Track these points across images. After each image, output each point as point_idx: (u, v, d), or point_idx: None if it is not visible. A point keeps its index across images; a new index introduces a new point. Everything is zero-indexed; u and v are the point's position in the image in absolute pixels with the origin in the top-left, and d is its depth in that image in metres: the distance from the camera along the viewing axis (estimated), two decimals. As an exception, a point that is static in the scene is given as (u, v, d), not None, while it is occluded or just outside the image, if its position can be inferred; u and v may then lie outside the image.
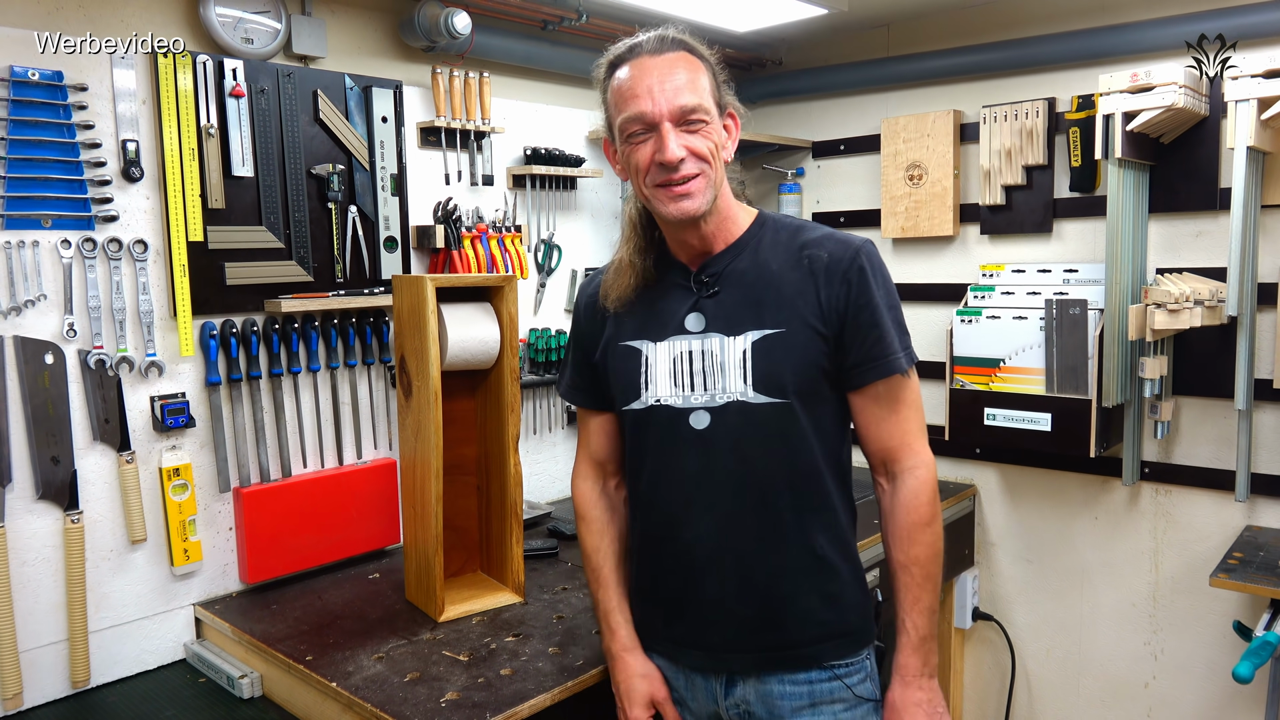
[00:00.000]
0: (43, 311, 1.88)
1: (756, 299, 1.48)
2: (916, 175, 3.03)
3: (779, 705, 1.50)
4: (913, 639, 1.48)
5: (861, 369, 1.47)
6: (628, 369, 1.54)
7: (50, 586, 1.90)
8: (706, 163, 1.42)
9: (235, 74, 2.09)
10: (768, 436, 1.46)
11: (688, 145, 1.40)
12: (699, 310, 1.50)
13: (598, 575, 1.65)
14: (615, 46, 1.48)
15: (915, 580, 1.48)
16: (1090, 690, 2.92)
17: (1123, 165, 2.45)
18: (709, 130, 1.42)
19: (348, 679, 1.72)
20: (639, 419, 1.54)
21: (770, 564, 1.48)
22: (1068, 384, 2.59)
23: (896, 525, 1.49)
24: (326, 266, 2.29)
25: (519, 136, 2.76)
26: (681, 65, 1.42)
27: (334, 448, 2.35)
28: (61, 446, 1.90)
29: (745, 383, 1.45)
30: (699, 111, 1.41)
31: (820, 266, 1.46)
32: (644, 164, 1.43)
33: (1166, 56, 2.53)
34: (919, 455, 1.50)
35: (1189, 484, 2.67)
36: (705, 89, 1.43)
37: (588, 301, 1.66)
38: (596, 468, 1.70)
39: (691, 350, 1.49)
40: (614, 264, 1.61)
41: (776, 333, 1.45)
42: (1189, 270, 2.57)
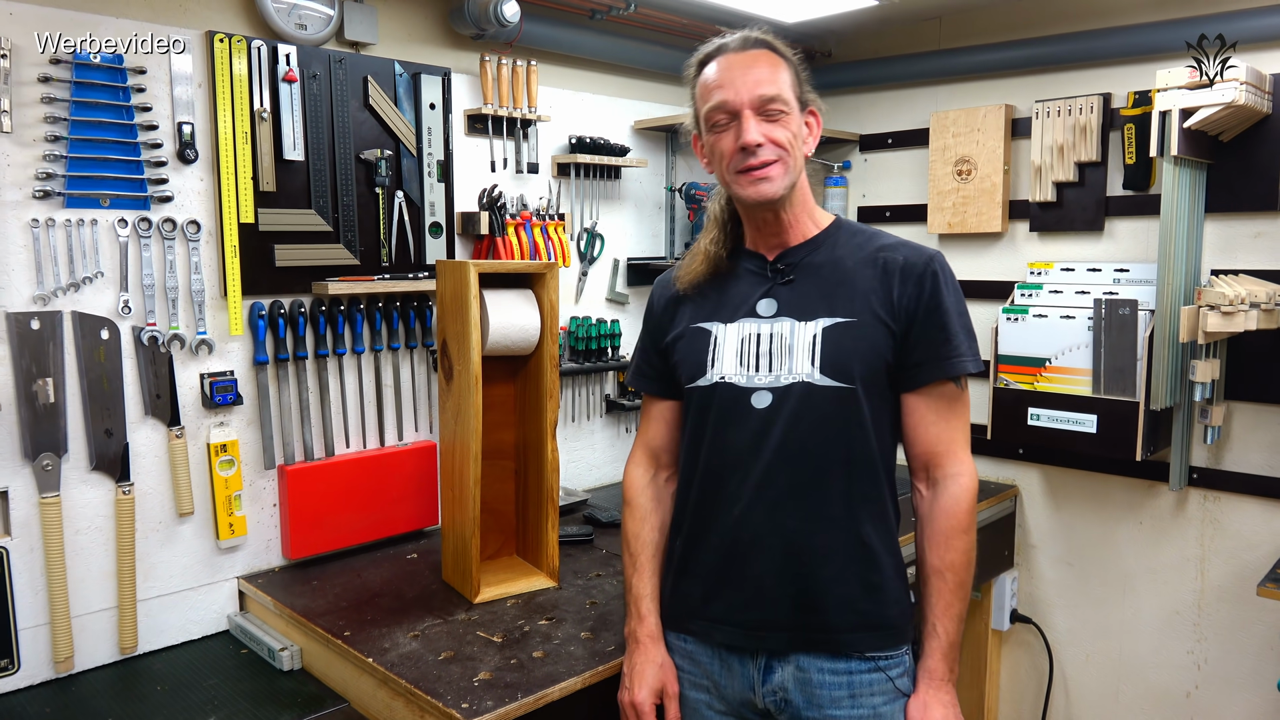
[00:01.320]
0: (99, 289, 1.93)
1: (830, 290, 1.53)
2: (965, 170, 2.99)
3: (818, 694, 1.49)
4: (942, 644, 1.48)
5: (923, 368, 1.50)
6: (696, 348, 1.59)
7: (101, 555, 1.96)
8: (785, 151, 1.49)
9: (288, 59, 2.13)
10: (828, 420, 1.49)
11: (767, 133, 1.47)
12: (772, 296, 1.56)
13: (635, 560, 1.67)
14: (704, 46, 1.57)
15: (949, 586, 1.48)
16: (1130, 698, 2.87)
17: (1179, 163, 2.39)
18: (788, 121, 1.49)
19: (384, 655, 1.76)
20: (703, 395, 1.57)
21: (815, 547, 1.49)
22: (1115, 385, 2.54)
23: (934, 530, 1.50)
24: (373, 250, 2.33)
25: (564, 125, 2.77)
26: (763, 60, 1.50)
27: (376, 429, 2.39)
28: (115, 420, 1.96)
29: (813, 365, 1.49)
30: (778, 101, 1.48)
31: (895, 267, 1.52)
32: (727, 151, 1.50)
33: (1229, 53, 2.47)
34: (963, 463, 1.52)
35: (1239, 491, 2.60)
36: (785, 83, 1.50)
37: (662, 290, 1.72)
38: (651, 457, 1.73)
39: (760, 333, 1.54)
40: (690, 251, 1.68)
41: (848, 321, 1.50)
42: (1246, 272, 2.51)
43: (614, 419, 3.01)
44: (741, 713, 1.58)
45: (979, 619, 3.07)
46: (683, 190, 2.96)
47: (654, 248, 3.10)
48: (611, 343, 2.87)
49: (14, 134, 1.80)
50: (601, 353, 2.86)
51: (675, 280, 1.67)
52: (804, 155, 1.54)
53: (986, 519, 2.88)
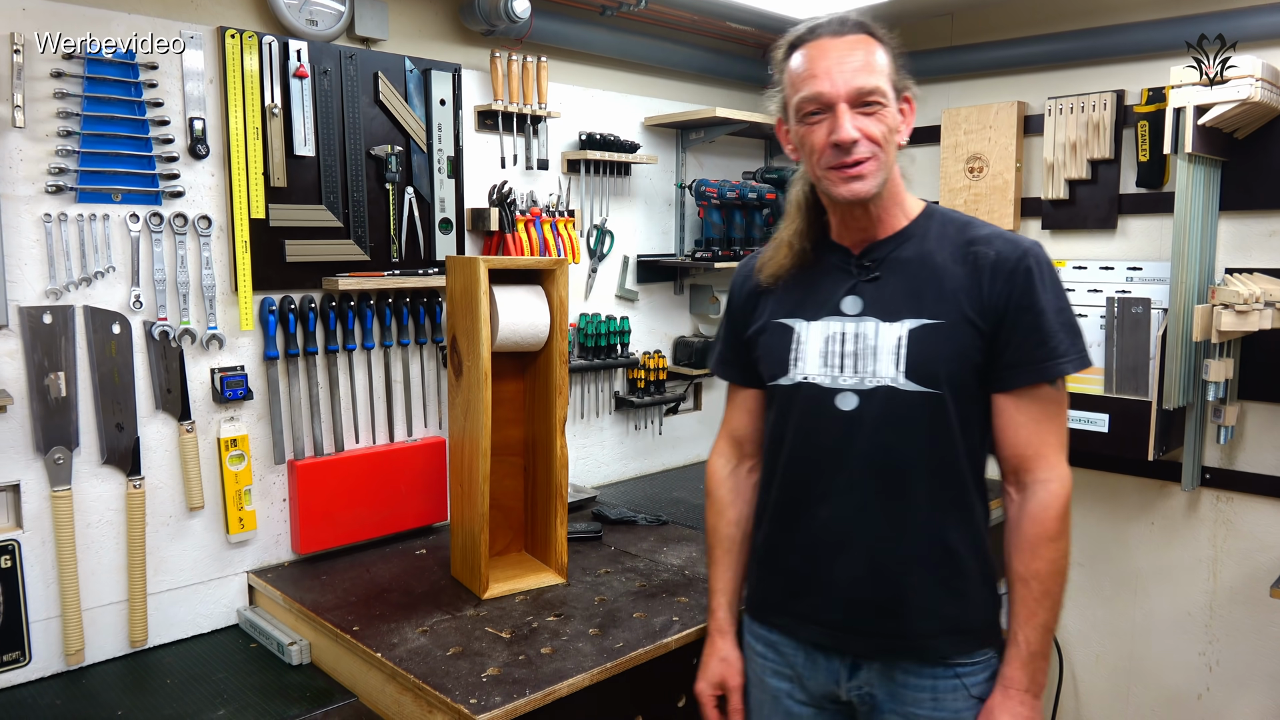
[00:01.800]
0: (111, 283, 1.94)
1: (917, 288, 1.46)
2: (977, 168, 2.98)
3: (902, 693, 1.49)
4: (1022, 652, 1.43)
5: (1015, 371, 1.43)
6: (778, 345, 1.55)
7: (112, 548, 1.97)
8: (880, 146, 1.41)
9: (299, 55, 2.13)
10: (913, 425, 1.44)
11: (862, 128, 1.39)
12: (857, 294, 1.50)
13: (711, 554, 1.70)
14: (795, 28, 1.47)
15: (1033, 594, 1.43)
16: (1141, 699, 2.85)
17: (1193, 161, 2.37)
18: (884, 114, 1.41)
19: (392, 650, 1.76)
20: (785, 395, 1.54)
21: (899, 552, 1.46)
22: (1127, 384, 2.53)
23: (1021, 537, 1.45)
24: (383, 246, 2.33)
25: (575, 121, 2.77)
26: (860, 47, 1.40)
27: (385, 424, 2.39)
28: (126, 414, 1.97)
29: (897, 369, 1.44)
30: (876, 94, 1.39)
31: (986, 263, 1.44)
32: (819, 145, 1.42)
33: (1244, 49, 2.45)
34: (1055, 469, 1.45)
35: (1252, 492, 2.58)
36: (884, 72, 1.41)
37: (743, 279, 1.66)
38: (734, 447, 1.71)
39: (844, 332, 1.49)
40: (773, 241, 1.62)
41: (935, 323, 1.43)
42: (1260, 271, 2.49)
43: (623, 416, 3.01)
44: (823, 704, 1.57)
45: (989, 618, 3.06)
46: (693, 187, 2.96)
47: (664, 245, 3.10)
48: (621, 340, 2.87)
49: (27, 129, 1.81)
50: (611, 350, 2.86)
51: (757, 271, 1.62)
52: (898, 146, 1.45)
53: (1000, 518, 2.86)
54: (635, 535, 2.45)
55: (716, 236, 2.99)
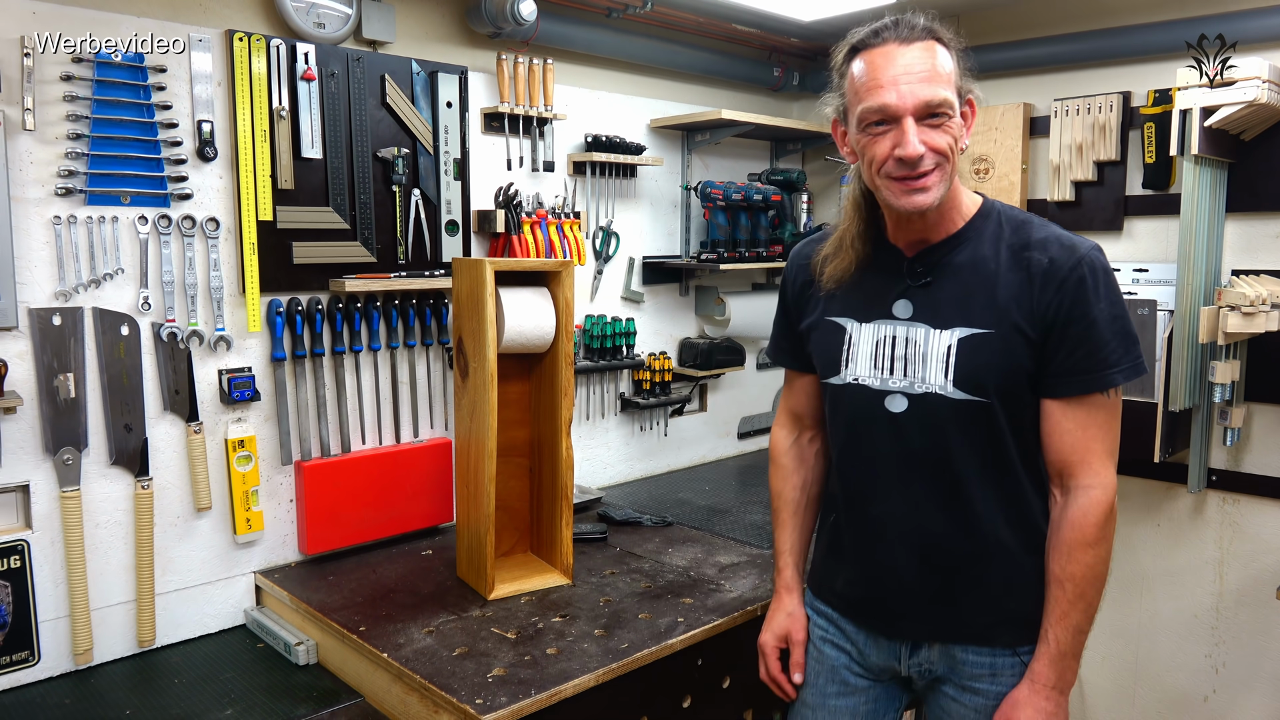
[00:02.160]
0: (120, 285, 1.95)
1: (968, 295, 1.45)
2: (983, 169, 2.98)
3: (962, 669, 1.53)
4: (1051, 650, 1.44)
5: (1064, 380, 1.42)
6: (830, 344, 1.57)
7: (120, 549, 1.99)
8: (945, 157, 1.38)
9: (307, 58, 2.15)
10: (963, 431, 1.45)
11: (928, 141, 1.36)
12: (908, 298, 1.50)
13: (778, 515, 1.74)
14: (858, 30, 1.43)
15: (1067, 596, 1.43)
16: (1146, 701, 2.85)
17: (1199, 162, 2.37)
18: (950, 125, 1.38)
19: (398, 650, 1.77)
20: (836, 394, 1.58)
21: (956, 549, 1.49)
22: (1133, 386, 2.52)
23: (1059, 539, 1.45)
24: (389, 248, 2.34)
25: (581, 123, 2.78)
26: (929, 56, 1.37)
27: (392, 425, 2.40)
28: (134, 415, 1.98)
29: (946, 377, 1.44)
30: (943, 106, 1.36)
31: (1040, 270, 1.41)
32: (881, 156, 1.39)
33: (1251, 50, 2.44)
34: (1099, 475, 1.43)
35: (1259, 494, 2.58)
36: (950, 80, 1.38)
37: (797, 271, 1.67)
38: (794, 419, 1.76)
39: (895, 336, 1.50)
40: (834, 239, 1.59)
41: (984, 333, 1.43)
42: (1267, 272, 2.48)
43: (628, 417, 3.01)
44: (881, 677, 1.64)
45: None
46: (698, 189, 2.96)
47: (669, 246, 3.10)
48: (626, 341, 2.88)
49: (36, 132, 1.82)
50: (616, 351, 2.86)
51: (814, 265, 1.61)
52: (960, 151, 1.42)
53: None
54: (640, 536, 2.45)
55: (722, 238, 2.99)
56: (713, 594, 2.04)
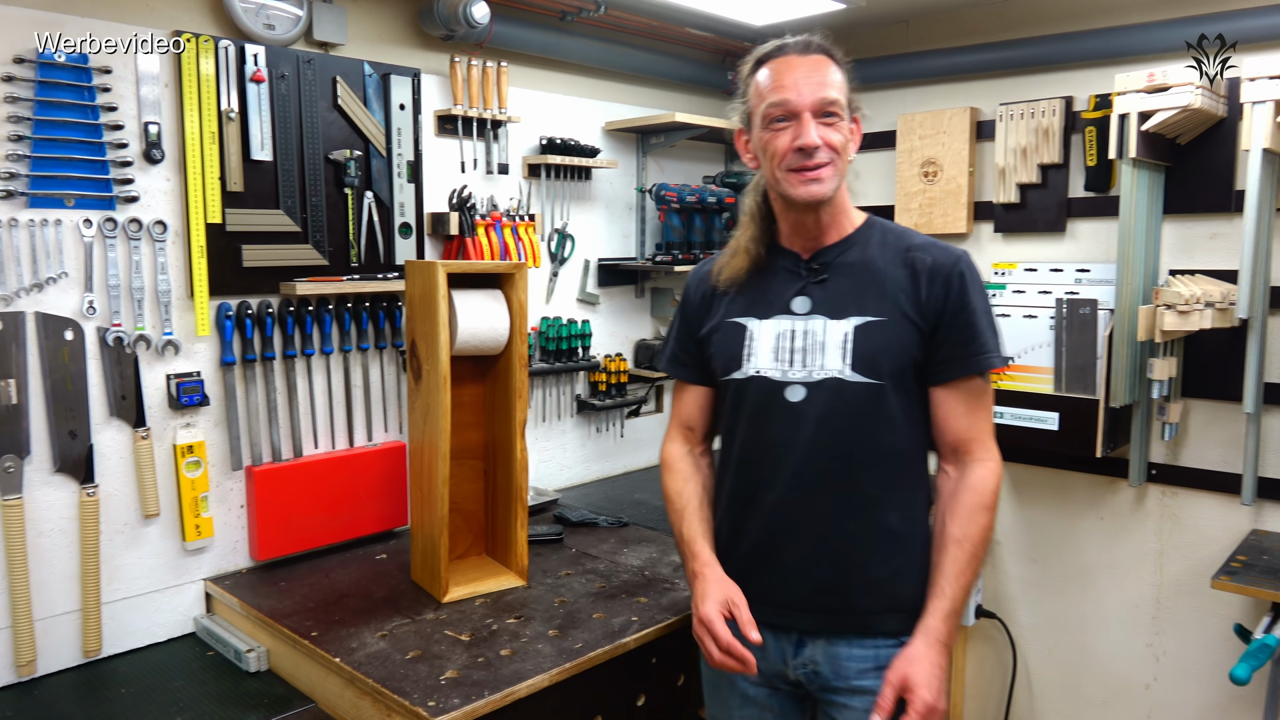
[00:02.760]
0: (64, 289, 1.92)
1: (861, 289, 1.59)
2: (931, 172, 3.03)
3: (845, 666, 1.59)
4: (946, 606, 1.52)
5: (951, 364, 1.57)
6: (732, 342, 1.66)
7: (65, 558, 1.95)
8: (836, 153, 1.55)
9: (256, 59, 2.13)
10: (858, 414, 1.56)
11: (824, 136, 1.53)
12: (806, 294, 1.62)
13: (682, 512, 1.72)
14: (763, 46, 1.61)
15: (965, 554, 1.53)
16: (1091, 691, 2.92)
17: (1137, 165, 2.44)
18: (841, 126, 1.55)
19: (351, 655, 1.76)
20: (739, 388, 1.65)
21: (845, 532, 1.58)
22: (1076, 383, 2.59)
23: (959, 503, 1.56)
24: (341, 251, 2.32)
25: (535, 126, 2.78)
26: (823, 66, 1.56)
27: (345, 429, 2.39)
28: (79, 421, 1.95)
29: (844, 362, 1.56)
30: (836, 106, 1.54)
31: (924, 267, 1.58)
32: (782, 149, 1.55)
33: (1185, 57, 2.52)
34: (989, 451, 1.59)
35: (1196, 486, 2.66)
36: (841, 89, 1.56)
37: (699, 282, 1.78)
38: (686, 433, 1.80)
39: (794, 329, 1.61)
40: (730, 247, 1.74)
41: (878, 320, 1.56)
42: (1203, 272, 2.56)
43: (584, 419, 3.02)
44: (774, 684, 1.68)
45: (946, 614, 3.11)
46: (653, 191, 2.98)
47: (625, 248, 3.12)
48: (582, 343, 2.89)
49: (-25, 133, 1.79)
50: (572, 353, 2.87)
51: (713, 275, 1.73)
52: (847, 159, 1.60)
53: (952, 516, 2.92)
54: (596, 537, 2.46)
55: (677, 240, 3.02)
56: (667, 593, 2.05)
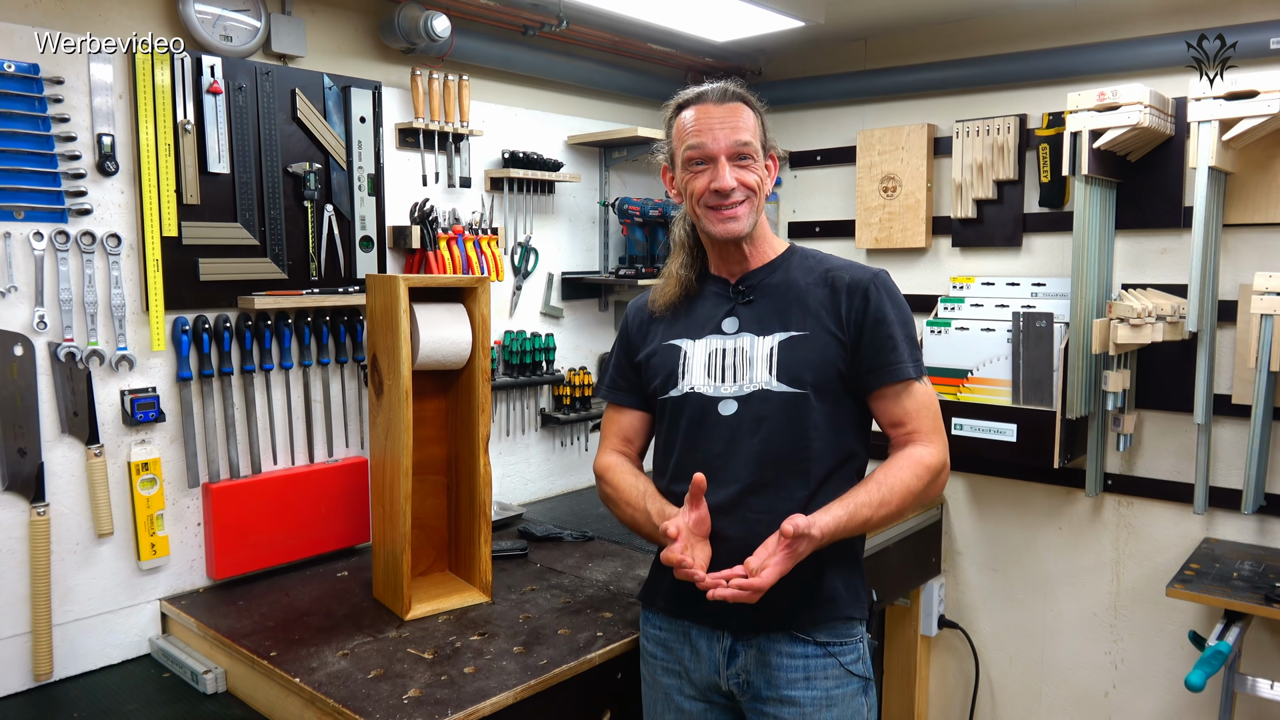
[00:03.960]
0: (13, 303, 1.87)
1: (785, 307, 1.69)
2: (891, 187, 3.08)
3: (776, 675, 1.63)
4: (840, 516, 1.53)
5: (875, 374, 1.65)
6: (668, 362, 1.75)
7: (14, 579, 1.90)
8: (752, 192, 1.66)
9: (213, 71, 2.10)
10: (785, 422, 1.63)
11: (738, 177, 1.64)
12: (734, 315, 1.72)
13: (644, 494, 1.72)
14: (684, 92, 1.71)
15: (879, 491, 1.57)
16: (1052, 699, 2.96)
17: (1089, 182, 2.50)
18: (755, 166, 1.66)
19: (311, 675, 1.73)
20: (675, 405, 1.72)
21: (767, 535, 1.56)
22: (1033, 396, 2.64)
23: (892, 461, 1.63)
24: (301, 264, 2.30)
25: (497, 139, 2.78)
26: (737, 112, 1.65)
27: (305, 445, 2.36)
28: (29, 438, 1.90)
29: (770, 374, 1.65)
30: (749, 149, 1.65)
31: (843, 285, 1.68)
32: (700, 190, 1.66)
33: (1135, 76, 2.59)
34: (935, 442, 1.65)
35: (1150, 496, 2.72)
36: (756, 133, 1.67)
37: (636, 311, 1.87)
38: (623, 445, 1.86)
39: (725, 348, 1.70)
40: (663, 275, 1.84)
41: (801, 334, 1.66)
42: (1154, 286, 2.63)
43: (549, 433, 3.01)
44: (709, 696, 1.71)
45: (908, 625, 3.14)
46: (616, 205, 2.99)
47: (588, 262, 3.12)
48: (546, 356, 2.88)
49: (-79, 144, 1.75)
50: (536, 366, 2.86)
51: (650, 303, 1.82)
52: (764, 195, 1.70)
53: (914, 526, 2.95)
54: (561, 552, 2.45)
55: (640, 254, 3.03)
56: (632, 607, 2.05)
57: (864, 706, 1.67)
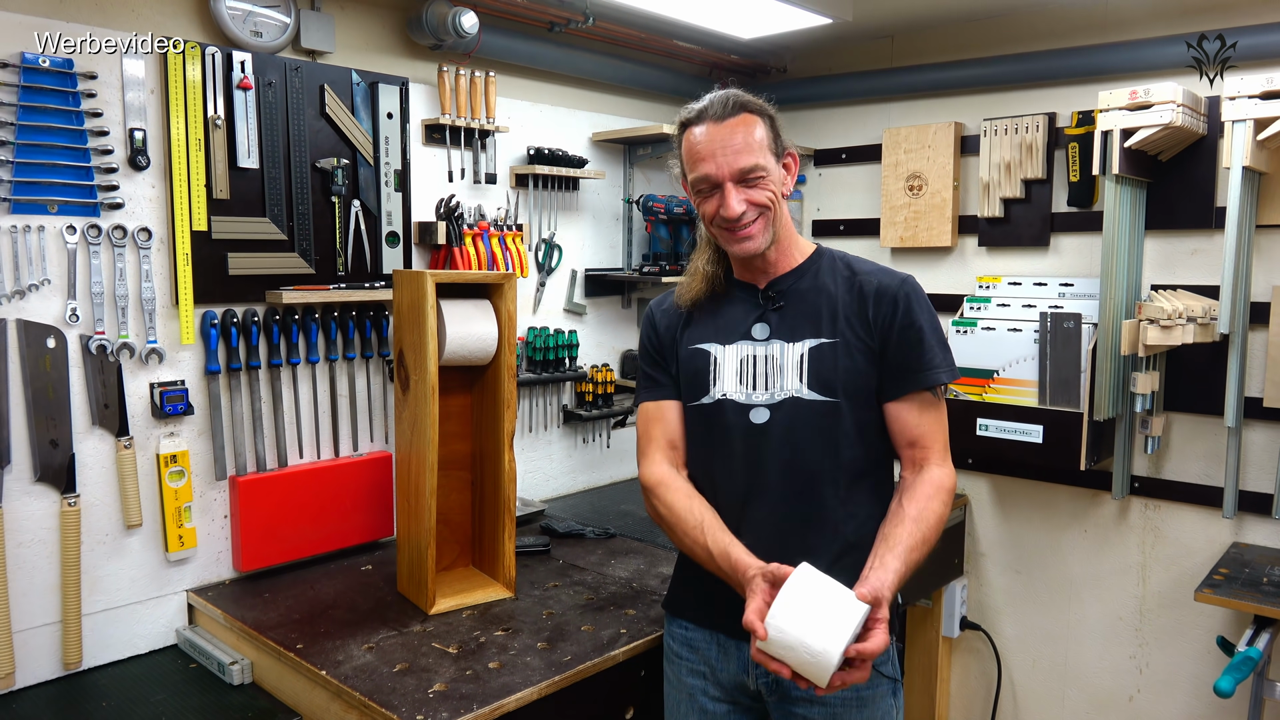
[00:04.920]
0: (46, 296, 1.90)
1: (815, 313, 1.65)
2: (916, 186, 3.06)
3: None
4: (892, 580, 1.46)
5: (902, 379, 1.62)
6: (698, 368, 1.70)
7: (45, 568, 1.92)
8: (766, 208, 1.61)
9: (243, 66, 2.12)
10: (817, 430, 1.61)
11: (748, 198, 1.58)
12: (765, 321, 1.68)
13: (700, 526, 1.61)
14: (686, 109, 1.65)
15: (920, 531, 1.52)
16: (1075, 702, 2.94)
17: (1120, 181, 2.47)
18: (767, 181, 1.60)
19: (337, 668, 1.74)
20: (706, 412, 1.69)
21: (806, 543, 1.60)
22: (1060, 397, 2.61)
23: (915, 492, 1.58)
24: (328, 259, 2.31)
25: (523, 136, 2.78)
26: (742, 127, 1.58)
27: (330, 439, 2.37)
28: (61, 430, 1.92)
29: (801, 381, 1.62)
30: (756, 170, 1.58)
31: (871, 290, 1.64)
32: (710, 213, 1.63)
33: (1166, 75, 2.56)
34: (945, 465, 1.63)
35: (1178, 499, 2.69)
36: (763, 145, 1.60)
37: (661, 313, 1.81)
38: (670, 453, 1.74)
39: (756, 354, 1.66)
40: (688, 271, 1.79)
41: (830, 341, 1.62)
42: (1184, 287, 2.59)
43: (571, 429, 3.01)
44: (735, 697, 1.69)
45: (930, 626, 3.12)
46: (640, 202, 2.99)
47: (612, 259, 3.12)
48: (569, 353, 2.88)
49: (-42, 138, 1.77)
50: (559, 363, 2.86)
51: (676, 298, 1.77)
52: (784, 196, 1.64)
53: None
54: (583, 548, 2.45)
55: (664, 251, 3.02)
56: (655, 605, 2.05)
57: (893, 708, 1.66)
